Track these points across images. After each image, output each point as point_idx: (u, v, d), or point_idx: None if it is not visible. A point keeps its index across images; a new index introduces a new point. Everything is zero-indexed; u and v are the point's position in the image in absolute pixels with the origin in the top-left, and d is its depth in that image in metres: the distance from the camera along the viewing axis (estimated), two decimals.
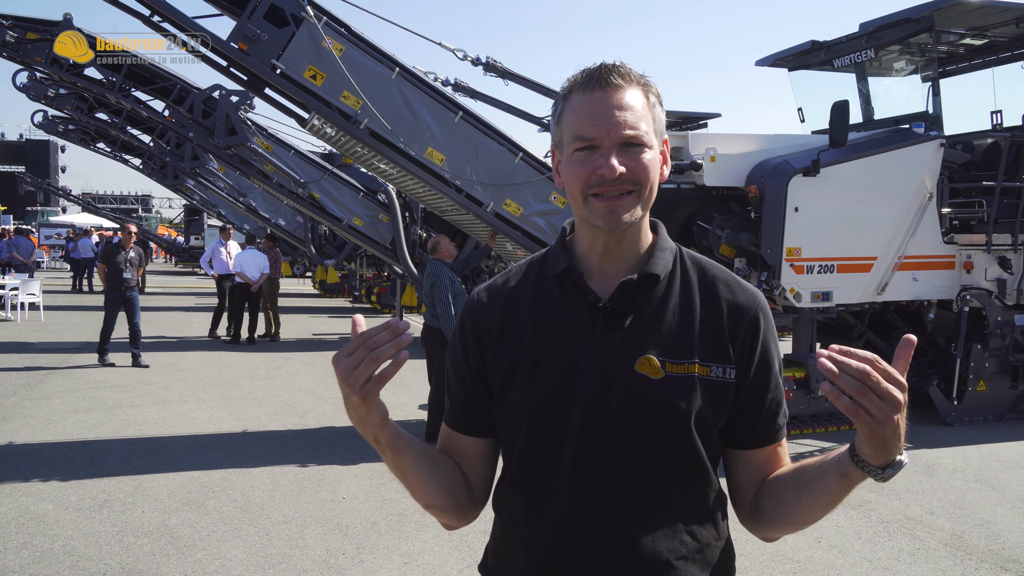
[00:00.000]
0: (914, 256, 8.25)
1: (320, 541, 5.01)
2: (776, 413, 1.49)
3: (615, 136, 1.36)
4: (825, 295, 7.91)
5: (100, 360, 11.23)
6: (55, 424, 7.82)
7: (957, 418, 8.48)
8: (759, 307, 1.47)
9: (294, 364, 11.88)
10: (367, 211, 14.06)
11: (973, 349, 8.39)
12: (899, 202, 8.13)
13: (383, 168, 8.54)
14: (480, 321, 1.52)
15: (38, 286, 17.46)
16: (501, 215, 8.12)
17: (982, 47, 9.49)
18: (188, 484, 6.09)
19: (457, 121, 7.81)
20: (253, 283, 13.74)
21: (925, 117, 8.56)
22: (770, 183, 7.69)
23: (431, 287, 7.15)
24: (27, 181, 41.73)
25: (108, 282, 11.14)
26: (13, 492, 5.79)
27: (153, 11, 7.47)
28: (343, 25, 7.43)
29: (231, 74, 8.01)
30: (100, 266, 11.29)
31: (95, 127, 18.09)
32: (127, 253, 11.17)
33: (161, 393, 9.45)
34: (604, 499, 1.40)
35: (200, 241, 37.05)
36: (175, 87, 12.56)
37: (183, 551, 4.81)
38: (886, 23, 8.45)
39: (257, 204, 18.85)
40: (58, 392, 9.34)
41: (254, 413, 8.53)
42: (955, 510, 5.82)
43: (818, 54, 9.36)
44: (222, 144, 11.50)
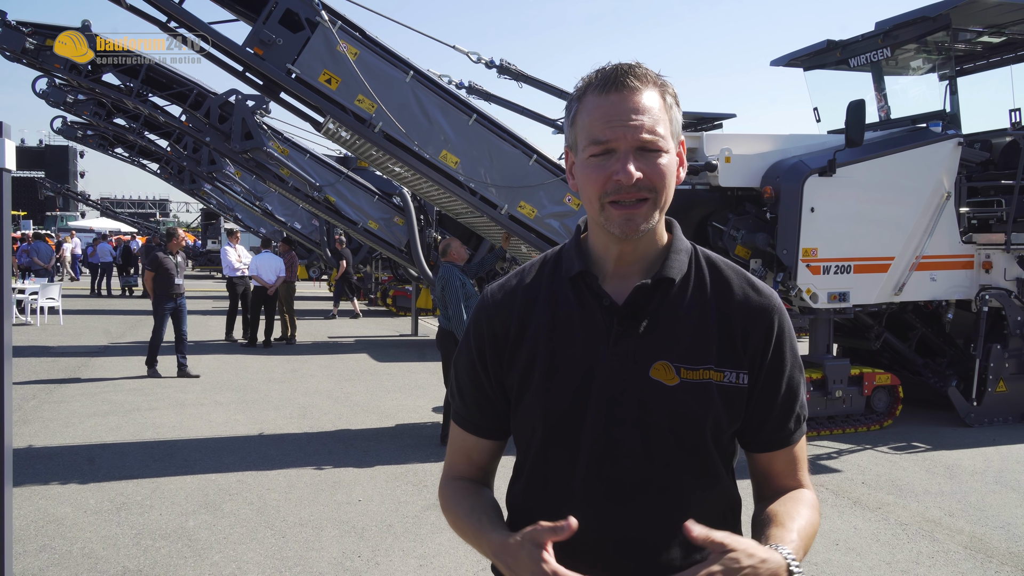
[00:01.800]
0: (932, 256, 8.18)
1: (336, 543, 5.02)
2: (786, 419, 1.46)
3: (632, 140, 1.34)
4: (842, 296, 7.86)
5: (150, 371, 10.70)
6: (74, 427, 7.89)
7: (977, 419, 8.39)
8: (774, 309, 1.45)
9: (310, 367, 11.93)
10: (382, 214, 14.13)
11: (993, 349, 8.31)
12: (916, 202, 8.06)
13: (398, 171, 8.57)
14: (496, 323, 1.50)
15: (57, 290, 17.63)
16: (515, 217, 8.12)
17: (1000, 45, 9.39)
18: (205, 487, 6.12)
19: (471, 124, 7.82)
20: (270, 286, 13.80)
21: (942, 116, 8.48)
22: (786, 183, 7.65)
23: (442, 290, 7.16)
24: (47, 186, 42.16)
25: (158, 290, 10.51)
26: (33, 495, 5.85)
27: (170, 17, 7.54)
28: (357, 29, 7.46)
29: (247, 79, 8.07)
30: (148, 273, 10.61)
31: (113, 132, 18.30)
32: (175, 258, 10.72)
33: (178, 396, 9.51)
34: (618, 506, 1.39)
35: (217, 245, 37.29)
36: (192, 92, 12.66)
37: (200, 553, 4.84)
38: (902, 21, 8.38)
39: (273, 208, 18.97)
40: (77, 395, 9.43)
41: (270, 416, 8.58)
42: (975, 512, 5.76)
43: (834, 53, 9.30)
44: (238, 148, 11.57)
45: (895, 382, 8.37)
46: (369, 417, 8.60)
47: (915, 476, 6.65)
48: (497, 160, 7.98)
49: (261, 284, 13.82)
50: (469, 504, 1.49)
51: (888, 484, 6.41)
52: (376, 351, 13.66)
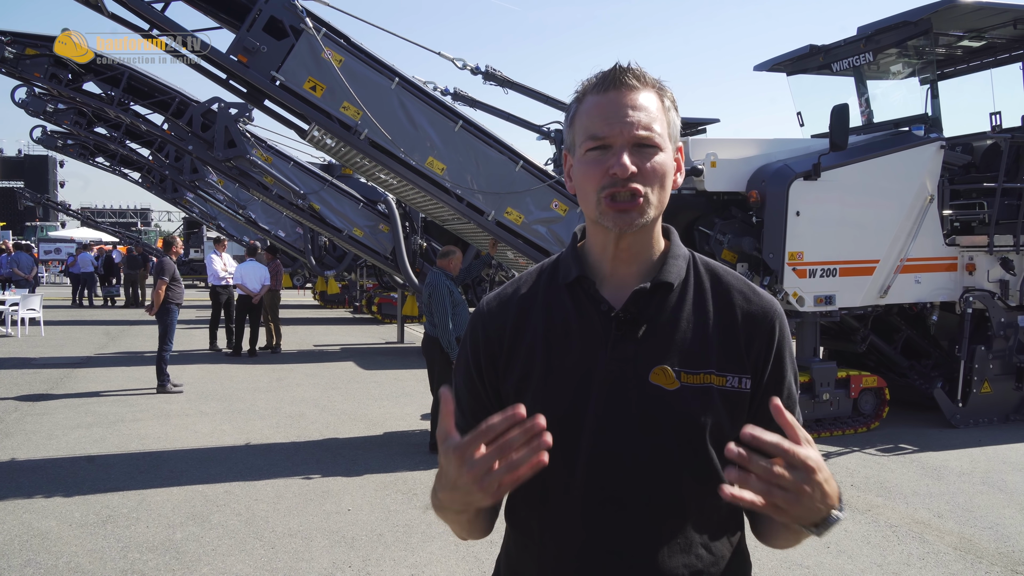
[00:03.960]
0: (916, 259, 8.25)
1: (326, 554, 4.98)
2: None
3: (628, 135, 1.34)
4: (828, 299, 7.91)
5: (167, 387, 10.31)
6: (57, 439, 7.78)
7: (962, 420, 8.45)
8: (775, 315, 1.45)
9: (296, 376, 11.85)
10: (367, 221, 14.06)
11: (977, 351, 8.38)
12: (900, 205, 8.12)
13: (384, 178, 8.55)
14: (491, 331, 1.49)
15: (38, 301, 17.43)
16: (502, 223, 8.11)
17: (980, 49, 9.50)
18: (192, 498, 6.05)
19: (457, 130, 7.81)
20: (255, 295, 13.70)
21: (924, 119, 8.56)
22: (771, 187, 7.69)
23: (429, 296, 7.13)
24: (26, 196, 41.68)
25: (170, 300, 10.37)
26: (16, 509, 5.76)
27: (153, 25, 7.47)
28: (342, 36, 7.44)
29: (230, 86, 8.02)
30: (162, 282, 10.27)
31: (94, 141, 18.12)
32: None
33: (163, 407, 9.41)
34: (618, 512, 1.37)
35: (199, 254, 37.04)
36: (174, 100, 12.58)
37: (188, 566, 4.77)
38: (884, 26, 8.46)
39: (257, 216, 18.84)
40: (59, 407, 9.31)
41: (257, 426, 8.50)
42: (963, 513, 5.79)
43: (816, 58, 9.37)
44: (221, 157, 11.50)
45: (881, 384, 8.42)
46: (357, 425, 8.54)
47: (903, 478, 6.68)
48: (484, 166, 7.97)
49: (246, 293, 13.70)
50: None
51: (877, 486, 6.44)
52: (362, 359, 13.59)
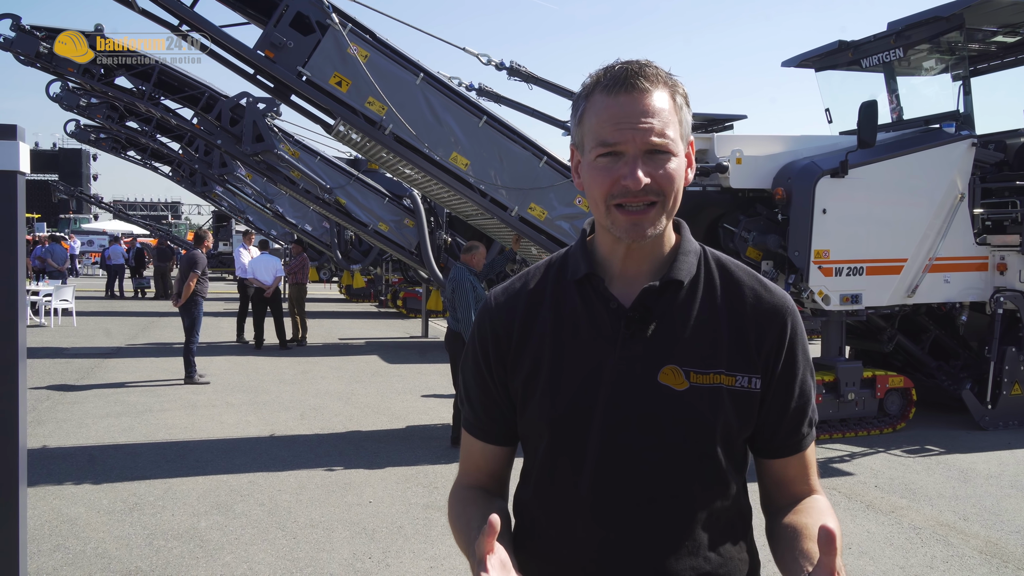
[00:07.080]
0: (946, 257, 8.12)
1: (347, 545, 5.03)
2: (799, 423, 1.43)
3: (640, 143, 1.30)
4: (854, 298, 7.81)
5: (195, 378, 10.49)
6: (87, 428, 7.93)
7: (991, 422, 8.32)
8: (787, 311, 1.42)
9: (321, 369, 11.95)
10: (392, 216, 14.14)
11: (1007, 352, 8.23)
12: (930, 203, 8.00)
13: (408, 173, 8.58)
14: (499, 326, 1.47)
15: (71, 292, 17.74)
16: (526, 219, 8.12)
17: (1014, 44, 9.31)
18: (217, 488, 6.15)
19: (481, 126, 7.83)
20: (267, 288, 13.78)
21: (956, 116, 8.41)
22: (797, 185, 7.61)
23: (452, 292, 7.16)
24: (60, 189, 42.54)
25: (197, 293, 10.51)
26: (47, 495, 5.89)
27: (182, 20, 7.57)
28: (368, 32, 7.48)
29: (258, 82, 8.10)
30: (194, 275, 10.38)
31: (126, 135, 18.42)
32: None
33: (190, 397, 9.55)
34: (626, 513, 1.36)
35: (228, 247, 37.46)
36: (203, 95, 12.74)
37: (212, 554, 4.85)
38: (915, 22, 8.32)
39: (284, 210, 19.03)
40: (90, 396, 9.48)
41: (281, 417, 8.60)
42: (990, 516, 5.71)
43: (845, 54, 9.25)
44: (249, 151, 11.61)
45: (908, 385, 8.31)
46: (379, 418, 8.61)
47: (929, 480, 6.60)
48: (507, 162, 7.98)
49: (259, 286, 13.78)
50: (468, 516, 1.45)
51: (901, 488, 6.37)
52: (386, 353, 13.68)
